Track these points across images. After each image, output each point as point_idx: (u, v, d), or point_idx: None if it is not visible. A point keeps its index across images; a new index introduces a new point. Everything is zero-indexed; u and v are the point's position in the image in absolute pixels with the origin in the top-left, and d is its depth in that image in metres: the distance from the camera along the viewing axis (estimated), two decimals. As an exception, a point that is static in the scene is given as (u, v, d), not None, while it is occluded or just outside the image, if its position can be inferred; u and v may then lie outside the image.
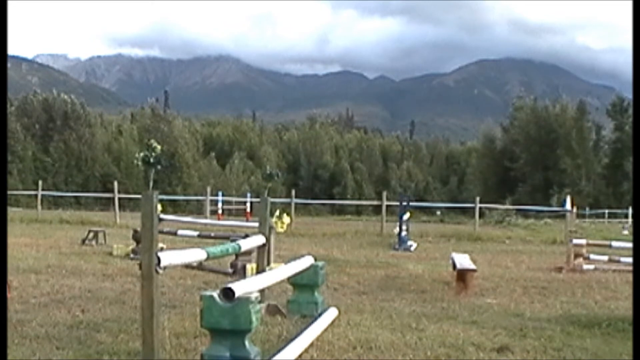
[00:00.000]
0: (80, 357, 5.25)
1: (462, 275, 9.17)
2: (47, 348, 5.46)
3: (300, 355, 5.06)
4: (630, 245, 11.30)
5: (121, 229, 19.49)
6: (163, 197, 32.16)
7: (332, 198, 63.09)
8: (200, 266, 9.58)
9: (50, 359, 5.21)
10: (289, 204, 26.59)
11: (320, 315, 6.40)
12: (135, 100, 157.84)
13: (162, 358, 4.89)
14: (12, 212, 23.64)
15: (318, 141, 77.08)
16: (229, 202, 38.11)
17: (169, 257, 4.83)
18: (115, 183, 26.90)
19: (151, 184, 20.24)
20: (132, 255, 12.17)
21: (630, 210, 37.57)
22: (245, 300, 4.62)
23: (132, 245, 12.61)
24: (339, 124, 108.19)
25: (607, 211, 46.86)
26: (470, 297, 8.74)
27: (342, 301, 8.12)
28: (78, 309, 7.15)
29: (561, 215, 29.08)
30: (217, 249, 6.05)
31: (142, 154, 16.62)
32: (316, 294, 7.23)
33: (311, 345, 5.43)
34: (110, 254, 12.86)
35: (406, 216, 18.49)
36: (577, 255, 12.37)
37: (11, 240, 11.62)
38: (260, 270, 7.09)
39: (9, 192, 29.65)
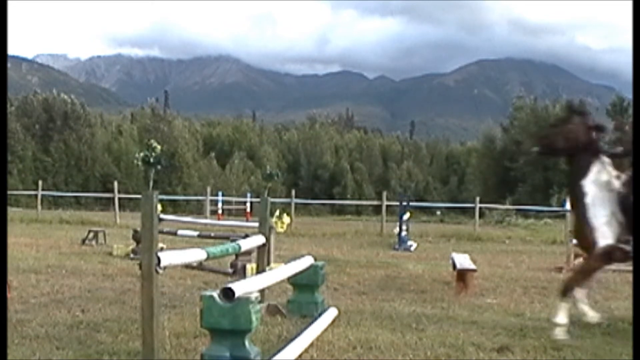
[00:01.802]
0: (80, 357, 5.25)
1: (462, 275, 9.17)
2: (47, 348, 5.47)
3: (300, 355, 5.06)
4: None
5: (121, 229, 19.49)
6: (163, 197, 32.16)
7: (332, 198, 63.01)
8: (200, 266, 9.58)
9: (50, 359, 5.21)
10: (289, 204, 26.60)
11: (320, 315, 6.40)
12: (135, 100, 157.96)
13: (162, 358, 4.89)
14: (12, 212, 23.63)
15: (318, 141, 77.01)
16: (229, 202, 38.11)
17: (169, 257, 4.83)
18: (115, 183, 26.91)
19: (151, 184, 20.28)
20: (132, 255, 12.18)
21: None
22: (245, 300, 4.63)
23: (132, 245, 12.62)
24: (339, 124, 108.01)
25: (607, 211, 46.75)
26: (470, 297, 8.74)
27: (342, 301, 8.12)
28: (78, 309, 7.15)
29: (561, 215, 29.02)
30: (217, 249, 6.05)
31: (142, 154, 16.65)
32: (316, 294, 7.23)
33: (311, 345, 5.43)
34: (110, 254, 12.87)
35: (406, 216, 18.49)
36: (577, 255, 12.34)
37: (11, 240, 11.62)
38: (260, 270, 7.10)
39: (9, 192, 29.63)
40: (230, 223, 16.83)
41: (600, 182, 6.40)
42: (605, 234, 6.20)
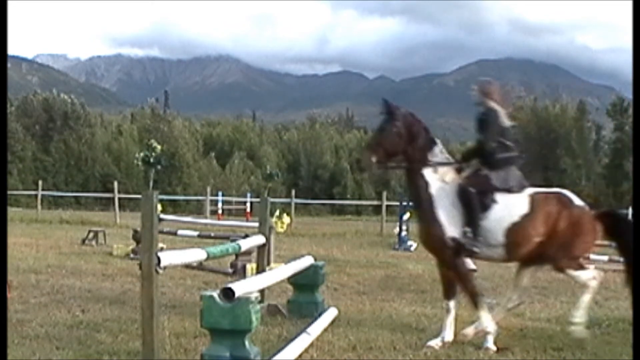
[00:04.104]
0: (80, 357, 5.25)
1: (462, 275, 9.14)
2: (47, 348, 5.46)
3: (300, 355, 5.06)
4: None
5: (121, 229, 19.49)
6: (163, 197, 32.18)
7: (332, 198, 62.96)
8: (200, 266, 9.58)
9: (50, 359, 5.21)
10: (289, 204, 26.62)
11: (320, 315, 6.40)
12: (135, 100, 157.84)
13: (162, 358, 4.89)
14: (12, 212, 23.62)
15: (318, 141, 76.96)
16: (229, 202, 38.09)
17: (169, 257, 4.83)
18: (115, 183, 26.88)
19: (151, 184, 20.27)
20: (132, 255, 12.17)
21: (630, 210, 37.48)
22: (245, 300, 4.62)
23: (132, 245, 12.61)
24: (339, 124, 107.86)
25: (607, 211, 46.77)
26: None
27: (342, 301, 8.12)
28: (78, 309, 7.15)
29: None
30: (217, 249, 6.05)
31: (142, 154, 16.65)
32: (316, 294, 7.23)
33: (311, 345, 5.43)
34: (110, 254, 12.86)
35: (406, 216, 18.46)
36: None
37: (11, 240, 11.62)
38: (260, 270, 7.10)
39: (9, 192, 29.63)
40: (230, 223, 16.83)
41: (441, 173, 6.00)
42: (452, 230, 5.82)
